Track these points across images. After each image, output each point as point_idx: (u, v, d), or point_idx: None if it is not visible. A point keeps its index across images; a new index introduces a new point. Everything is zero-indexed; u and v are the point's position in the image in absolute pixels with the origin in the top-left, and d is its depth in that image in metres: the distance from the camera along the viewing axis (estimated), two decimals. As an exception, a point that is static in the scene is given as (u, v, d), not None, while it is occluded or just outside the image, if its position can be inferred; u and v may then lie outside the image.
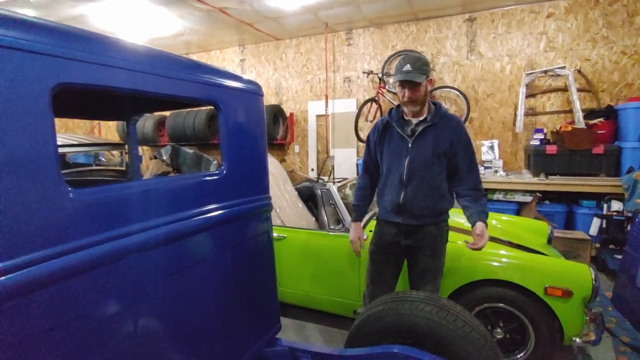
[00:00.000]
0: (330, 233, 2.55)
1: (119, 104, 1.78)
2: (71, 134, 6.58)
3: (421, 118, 1.84)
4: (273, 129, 5.91)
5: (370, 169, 2.04)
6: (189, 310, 1.26)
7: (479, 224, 1.77)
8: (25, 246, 0.79)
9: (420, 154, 1.81)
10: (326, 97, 5.76)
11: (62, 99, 0.87)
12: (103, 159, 6.16)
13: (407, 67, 1.72)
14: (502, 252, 2.16)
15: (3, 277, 0.74)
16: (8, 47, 0.77)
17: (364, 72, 5.52)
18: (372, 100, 5.29)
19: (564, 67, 4.46)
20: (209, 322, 1.34)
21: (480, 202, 1.83)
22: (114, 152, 5.88)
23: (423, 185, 1.81)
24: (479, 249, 1.77)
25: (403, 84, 1.75)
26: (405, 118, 1.88)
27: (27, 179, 0.79)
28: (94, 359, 0.94)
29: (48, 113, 0.83)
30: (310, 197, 3.42)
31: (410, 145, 1.83)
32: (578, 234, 3.62)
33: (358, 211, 2.08)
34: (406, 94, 1.76)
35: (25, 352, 0.79)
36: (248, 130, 1.56)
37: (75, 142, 4.35)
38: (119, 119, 2.15)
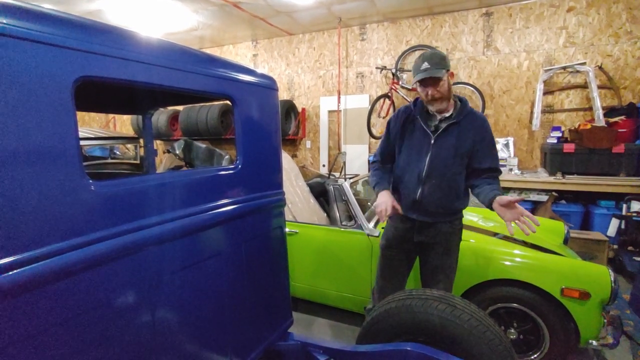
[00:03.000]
0: (342, 229, 2.55)
1: (136, 97, 1.80)
2: (88, 127, 6.70)
3: (446, 114, 1.77)
4: (285, 124, 5.92)
5: (386, 159, 1.97)
6: (204, 303, 1.27)
7: (497, 199, 1.60)
8: (48, 237, 0.80)
9: (442, 152, 1.76)
10: (338, 92, 5.73)
11: (79, 93, 0.88)
12: (118, 153, 6.27)
13: (425, 65, 1.66)
14: (517, 251, 2.13)
15: (28, 267, 0.76)
16: (32, 41, 0.78)
17: (377, 68, 5.47)
18: (385, 96, 5.24)
19: (584, 63, 4.33)
20: (223, 315, 1.36)
21: (494, 186, 1.71)
22: (129, 145, 5.98)
23: (441, 184, 1.77)
24: (523, 217, 1.53)
25: (425, 82, 1.69)
26: (430, 112, 1.81)
27: (50, 171, 0.80)
28: (111, 347, 0.96)
29: (71, 106, 0.84)
30: (321, 193, 3.41)
31: (432, 141, 1.77)
32: (595, 235, 3.53)
33: (382, 183, 1.90)
34: (429, 93, 1.70)
35: (48, 340, 0.81)
36: (263, 124, 1.56)
37: (92, 136, 4.44)
38: (135, 113, 2.18)
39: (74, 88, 0.85)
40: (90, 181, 0.89)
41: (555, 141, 4.27)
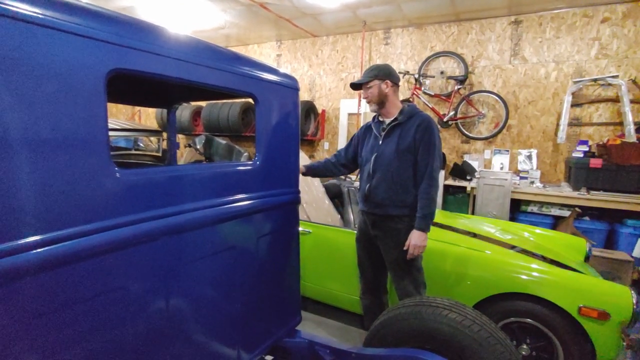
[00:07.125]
0: (355, 231, 2.54)
1: (163, 91, 1.86)
2: (114, 119, 6.95)
3: (392, 118, 2.01)
4: (304, 124, 5.96)
5: (341, 153, 2.27)
6: (216, 294, 1.31)
7: (412, 233, 1.90)
8: (76, 218, 0.85)
9: (386, 150, 1.99)
10: (359, 95, 5.73)
11: (110, 84, 0.93)
12: (141, 144, 6.47)
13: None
14: (534, 265, 2.07)
15: (56, 245, 0.81)
16: (69, 32, 0.82)
17: (399, 73, 5.42)
18: (406, 101, 5.18)
19: (616, 76, 4.17)
20: (233, 307, 1.39)
21: (422, 203, 1.90)
22: (152, 138, 6.15)
23: (386, 177, 1.98)
24: (412, 257, 1.91)
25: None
26: (381, 119, 2.07)
27: (81, 156, 0.85)
28: (125, 330, 1.00)
29: (102, 97, 0.88)
30: (336, 194, 3.42)
31: (380, 142, 2.03)
32: (620, 255, 3.39)
33: (312, 163, 2.30)
34: (362, 94, 2.07)
35: (69, 317, 0.85)
36: (283, 123, 1.59)
37: (118, 127, 4.60)
38: (160, 106, 2.25)
39: (106, 79, 0.89)
40: (117, 169, 0.93)
41: (582, 155, 4.13)
